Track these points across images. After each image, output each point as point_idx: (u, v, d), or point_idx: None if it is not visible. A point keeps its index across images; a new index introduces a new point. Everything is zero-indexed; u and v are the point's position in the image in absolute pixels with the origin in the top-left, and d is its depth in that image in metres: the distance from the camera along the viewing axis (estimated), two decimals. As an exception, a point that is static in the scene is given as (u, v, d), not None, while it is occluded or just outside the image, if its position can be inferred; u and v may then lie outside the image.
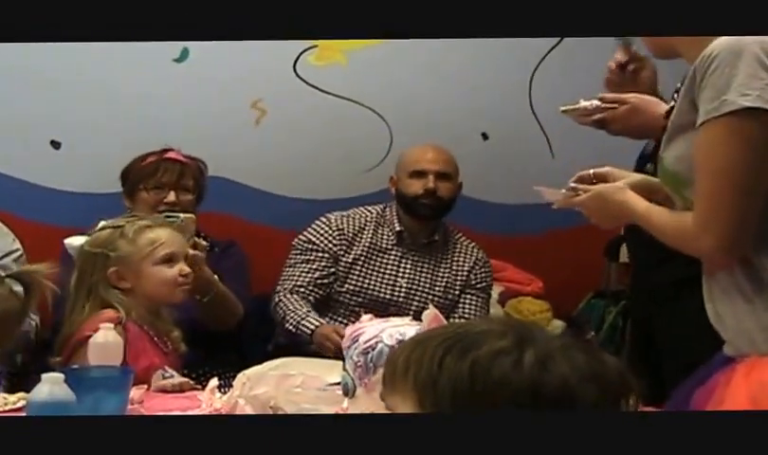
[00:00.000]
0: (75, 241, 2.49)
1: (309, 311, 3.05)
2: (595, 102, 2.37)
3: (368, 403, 1.83)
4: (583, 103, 2.39)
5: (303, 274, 3.15)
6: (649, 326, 2.59)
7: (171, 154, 3.04)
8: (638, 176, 2.06)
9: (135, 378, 2.05)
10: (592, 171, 2.05)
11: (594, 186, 1.98)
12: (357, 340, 1.91)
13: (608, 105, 2.37)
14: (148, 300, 2.42)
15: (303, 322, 3.00)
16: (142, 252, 2.41)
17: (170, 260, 2.42)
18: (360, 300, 3.15)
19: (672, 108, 2.31)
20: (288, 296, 3.10)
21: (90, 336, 2.19)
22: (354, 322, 2.07)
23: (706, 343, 1.82)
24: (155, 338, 2.40)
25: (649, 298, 2.58)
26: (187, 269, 2.44)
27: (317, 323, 2.99)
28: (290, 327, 3.02)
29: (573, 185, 2.02)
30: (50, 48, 3.35)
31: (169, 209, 2.92)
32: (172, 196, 2.96)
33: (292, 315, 3.03)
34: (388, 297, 3.17)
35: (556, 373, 1.11)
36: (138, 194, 2.99)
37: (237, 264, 3.09)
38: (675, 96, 2.62)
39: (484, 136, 3.88)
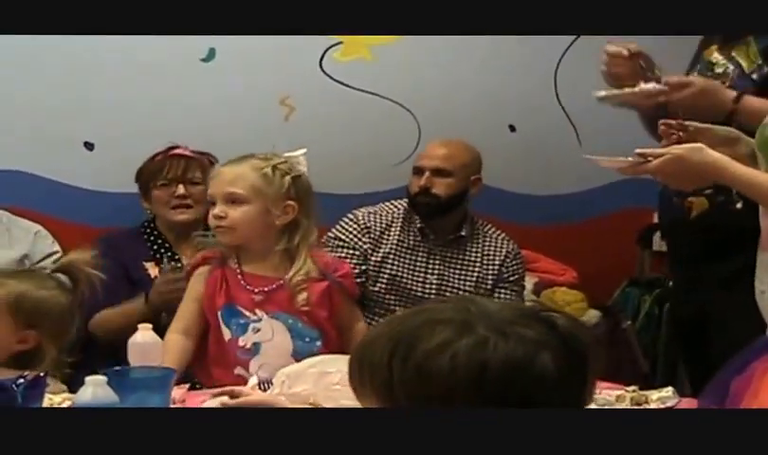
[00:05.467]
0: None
1: None
2: (658, 86, 2.29)
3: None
4: (644, 86, 2.30)
5: None
6: (698, 316, 2.57)
7: (176, 151, 3.09)
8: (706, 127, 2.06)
9: (176, 377, 2.08)
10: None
11: (668, 149, 1.96)
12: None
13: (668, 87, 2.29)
14: None
15: None
16: None
17: (213, 203, 2.50)
18: (393, 297, 3.11)
19: (742, 93, 2.30)
20: None
21: (195, 269, 2.51)
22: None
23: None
24: (240, 278, 2.48)
25: (703, 288, 2.56)
26: (214, 212, 2.47)
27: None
28: None
29: (639, 151, 2.00)
30: (82, 51, 3.39)
31: (181, 203, 2.99)
32: (181, 189, 3.00)
33: None
34: (419, 293, 3.12)
35: (499, 352, 1.09)
36: (151, 193, 3.04)
37: None
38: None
39: (512, 128, 3.89)
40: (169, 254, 3.00)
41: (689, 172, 1.94)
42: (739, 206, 2.32)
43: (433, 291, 3.16)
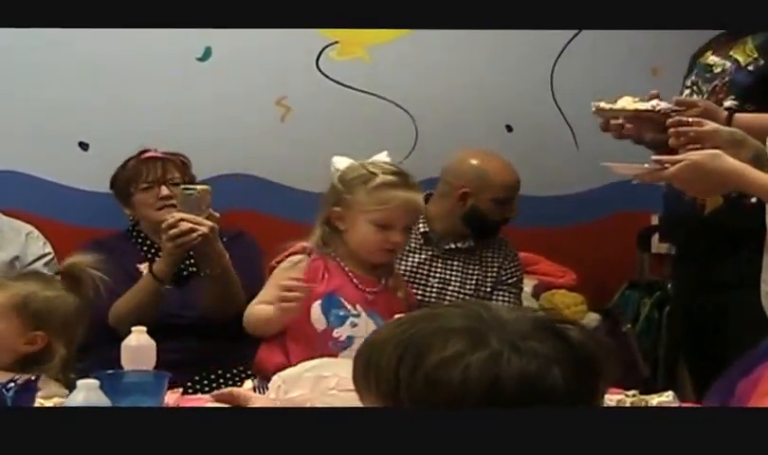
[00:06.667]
0: (340, 163, 2.53)
1: None
2: (671, 105, 2.28)
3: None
4: (661, 104, 2.28)
5: None
6: (704, 316, 2.56)
7: (148, 154, 3.06)
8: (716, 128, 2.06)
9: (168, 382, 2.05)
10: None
11: (685, 155, 1.96)
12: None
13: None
14: (353, 249, 2.48)
15: None
16: (366, 207, 2.45)
17: (385, 226, 2.45)
18: None
19: (731, 110, 2.31)
20: None
21: (289, 256, 2.46)
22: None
23: None
24: (351, 275, 2.47)
25: (712, 287, 2.55)
26: (396, 240, 2.46)
27: None
28: None
29: (656, 158, 2.00)
30: (78, 51, 3.37)
31: (165, 203, 2.94)
32: (165, 191, 2.97)
33: None
34: (419, 297, 3.08)
35: (512, 367, 1.07)
36: (133, 199, 3.01)
37: (246, 253, 3.05)
38: (687, 85, 2.61)
39: (509, 129, 3.86)
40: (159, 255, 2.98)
41: (706, 178, 1.94)
42: (753, 200, 2.31)
43: (434, 295, 3.13)
